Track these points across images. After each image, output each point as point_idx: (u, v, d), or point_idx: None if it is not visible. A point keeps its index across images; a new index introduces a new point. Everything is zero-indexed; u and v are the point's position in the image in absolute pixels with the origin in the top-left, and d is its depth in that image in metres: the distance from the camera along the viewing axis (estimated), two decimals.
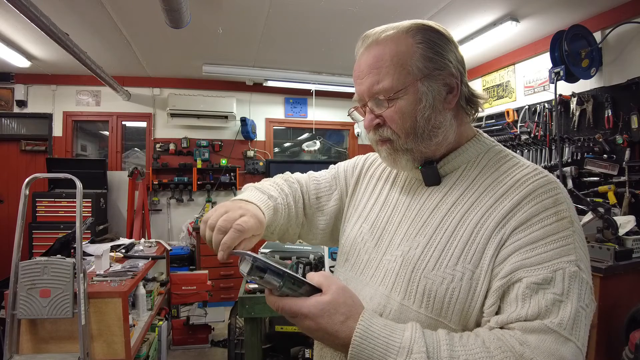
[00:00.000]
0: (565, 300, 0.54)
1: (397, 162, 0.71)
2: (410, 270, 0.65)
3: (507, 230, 0.60)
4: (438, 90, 0.66)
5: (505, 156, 0.70)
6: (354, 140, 5.29)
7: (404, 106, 0.66)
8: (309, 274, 0.59)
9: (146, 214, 4.15)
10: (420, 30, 0.67)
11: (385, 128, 0.69)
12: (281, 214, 0.79)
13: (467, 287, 0.60)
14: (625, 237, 2.16)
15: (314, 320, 0.55)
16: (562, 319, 0.53)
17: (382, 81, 0.65)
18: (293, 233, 0.87)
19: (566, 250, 0.57)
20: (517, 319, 0.55)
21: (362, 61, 0.68)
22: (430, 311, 0.62)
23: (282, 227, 0.81)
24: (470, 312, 0.60)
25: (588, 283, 0.57)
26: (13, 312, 1.76)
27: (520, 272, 0.57)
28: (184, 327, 3.13)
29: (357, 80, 0.70)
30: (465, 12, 2.80)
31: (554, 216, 0.59)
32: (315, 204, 0.89)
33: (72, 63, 3.19)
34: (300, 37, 3.30)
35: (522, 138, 3.36)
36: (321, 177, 0.92)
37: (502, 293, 0.58)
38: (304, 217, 0.88)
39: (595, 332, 1.97)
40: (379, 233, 0.75)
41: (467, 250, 0.62)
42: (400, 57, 0.65)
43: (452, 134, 0.70)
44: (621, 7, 2.64)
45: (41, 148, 4.30)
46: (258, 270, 0.52)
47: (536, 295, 0.55)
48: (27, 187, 1.88)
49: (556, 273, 0.55)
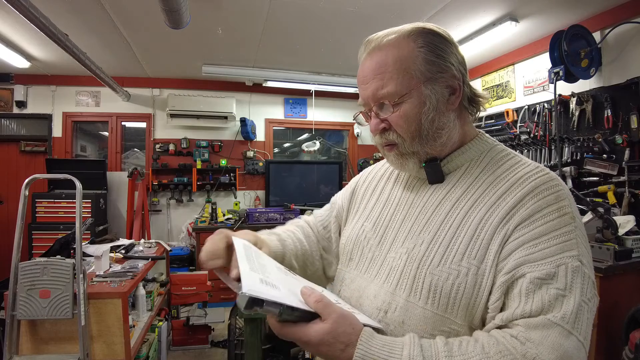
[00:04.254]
0: (568, 295, 0.55)
1: (405, 166, 0.73)
2: (415, 267, 0.66)
3: (510, 226, 0.61)
4: (441, 92, 0.68)
5: (507, 155, 0.71)
6: (354, 140, 5.29)
7: (409, 110, 0.67)
8: (303, 293, 0.58)
9: (146, 214, 4.14)
10: (422, 34, 0.68)
11: (391, 132, 0.70)
12: (290, 243, 0.83)
13: (472, 283, 0.60)
14: (625, 237, 2.17)
15: (315, 348, 0.55)
16: (565, 313, 0.54)
17: (386, 86, 0.66)
18: (316, 268, 0.89)
19: (568, 246, 0.58)
20: (522, 315, 0.55)
21: (366, 67, 0.69)
22: (436, 307, 0.62)
23: (300, 258, 0.85)
24: (476, 308, 0.60)
25: (590, 277, 0.58)
26: (13, 312, 1.76)
27: (523, 268, 0.57)
28: (183, 327, 3.12)
29: (361, 85, 0.71)
30: (465, 12, 2.80)
31: (557, 212, 0.60)
32: (325, 234, 0.92)
33: (72, 64, 3.19)
34: (300, 37, 3.30)
35: (522, 138, 3.36)
36: (322, 209, 0.97)
37: (506, 288, 0.58)
38: (324, 251, 0.91)
39: (595, 332, 1.97)
40: (382, 231, 0.75)
41: (472, 246, 0.62)
42: (403, 62, 0.66)
43: (456, 134, 0.71)
44: (620, 7, 2.64)
45: (41, 149, 4.30)
46: (255, 304, 0.50)
47: (540, 290, 0.55)
48: (27, 188, 1.88)
49: (559, 268, 0.56)
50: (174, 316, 3.27)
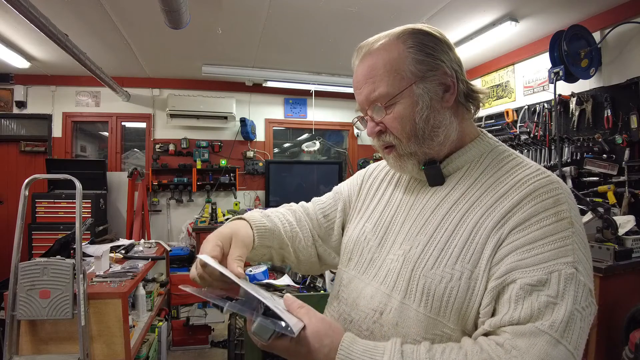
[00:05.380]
0: (560, 303, 0.53)
1: (404, 168, 0.73)
2: (410, 269, 0.65)
3: (505, 230, 0.60)
4: (434, 90, 0.67)
5: (508, 156, 0.70)
6: (354, 140, 5.29)
7: (402, 110, 0.67)
8: (286, 299, 0.59)
9: (146, 214, 4.14)
10: (411, 35, 0.68)
11: (387, 134, 0.70)
12: (278, 226, 0.81)
13: (465, 287, 0.60)
14: (624, 236, 2.16)
15: (304, 357, 0.56)
16: (554, 321, 0.52)
17: (378, 89, 0.67)
18: (309, 254, 0.87)
19: (564, 252, 0.56)
20: (510, 322, 0.54)
21: (359, 72, 0.70)
22: (429, 310, 0.62)
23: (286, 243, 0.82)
24: (469, 312, 0.60)
25: (586, 285, 0.56)
26: (13, 313, 1.76)
27: (515, 273, 0.56)
28: (183, 327, 3.12)
29: (356, 91, 0.72)
30: (465, 13, 2.80)
31: (554, 216, 0.58)
32: (325, 222, 0.89)
33: (72, 64, 3.19)
34: (300, 38, 3.30)
35: (522, 138, 3.36)
36: (324, 197, 0.95)
37: (497, 294, 0.57)
38: (319, 238, 0.88)
39: (595, 332, 1.97)
40: (383, 232, 0.75)
41: (467, 250, 0.61)
42: (393, 64, 0.66)
43: (453, 132, 0.70)
44: (620, 7, 2.64)
45: (41, 149, 4.30)
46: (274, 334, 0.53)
47: (529, 297, 0.54)
48: (27, 188, 1.88)
49: (552, 275, 0.55)
50: (174, 316, 3.26)
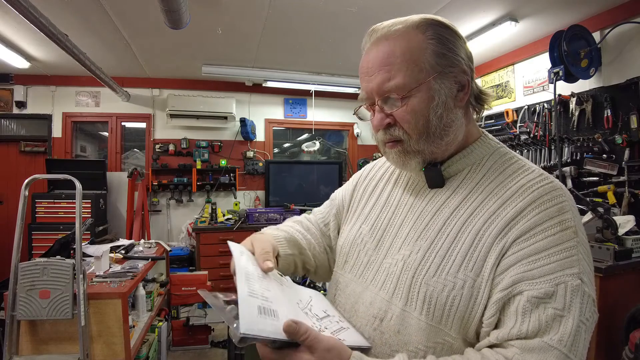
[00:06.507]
0: (567, 315, 0.53)
1: (407, 165, 0.69)
2: (411, 276, 0.64)
3: (509, 239, 0.58)
4: (450, 87, 0.64)
5: (510, 159, 0.68)
6: (354, 140, 5.29)
7: (417, 104, 0.63)
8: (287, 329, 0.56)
9: (146, 214, 4.14)
10: (431, 26, 0.64)
11: (396, 128, 0.66)
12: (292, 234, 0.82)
13: (468, 296, 0.58)
14: (624, 236, 2.17)
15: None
16: (562, 336, 0.52)
17: (394, 78, 0.62)
18: (322, 260, 0.87)
19: (569, 263, 0.55)
20: (518, 335, 0.53)
21: (371, 57, 0.65)
22: (431, 318, 0.60)
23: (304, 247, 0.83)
24: (471, 321, 0.59)
25: (590, 296, 0.56)
26: (12, 313, 1.75)
27: (521, 285, 0.55)
28: (183, 327, 3.12)
29: (364, 77, 0.66)
30: (465, 12, 2.80)
31: (558, 226, 0.57)
32: (327, 230, 0.90)
33: (72, 64, 3.19)
34: (300, 38, 3.30)
35: (522, 138, 3.36)
36: (322, 207, 0.95)
37: (502, 305, 0.56)
38: (327, 246, 0.89)
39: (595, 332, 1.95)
40: (380, 234, 0.73)
41: (469, 258, 0.60)
42: (412, 54, 0.62)
43: (461, 133, 0.68)
44: (620, 7, 2.64)
45: (40, 149, 4.30)
46: (249, 340, 0.50)
47: (537, 310, 0.53)
48: (27, 188, 1.88)
49: (558, 287, 0.54)
50: (174, 316, 3.26)
